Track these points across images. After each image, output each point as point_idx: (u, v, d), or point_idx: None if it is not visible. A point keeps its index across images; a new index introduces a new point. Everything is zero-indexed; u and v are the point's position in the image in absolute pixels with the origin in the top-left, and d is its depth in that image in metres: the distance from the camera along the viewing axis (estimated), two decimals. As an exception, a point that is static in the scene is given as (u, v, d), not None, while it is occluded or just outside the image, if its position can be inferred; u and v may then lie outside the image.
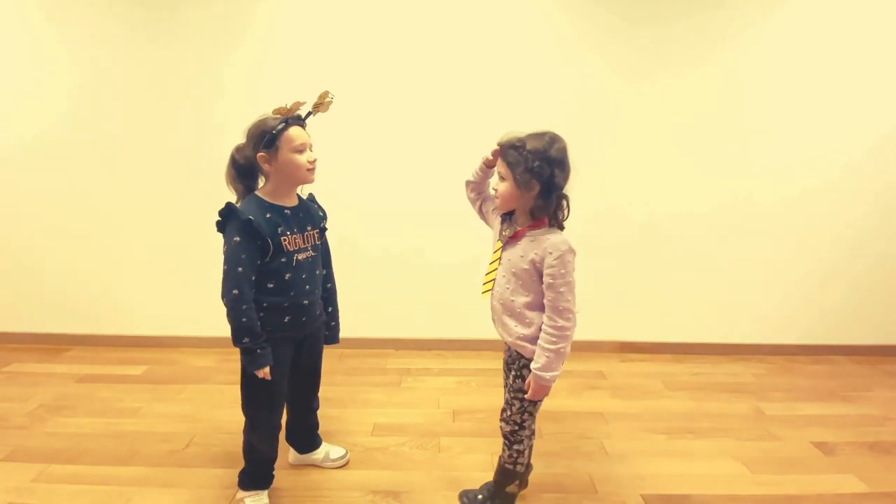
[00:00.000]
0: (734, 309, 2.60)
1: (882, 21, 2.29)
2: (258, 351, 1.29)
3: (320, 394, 1.63)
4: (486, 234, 1.44)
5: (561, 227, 1.27)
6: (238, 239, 1.26)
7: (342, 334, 1.59)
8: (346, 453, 1.71)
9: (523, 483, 1.51)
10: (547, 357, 1.22)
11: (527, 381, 1.29)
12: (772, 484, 1.63)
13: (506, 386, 1.42)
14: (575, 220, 2.61)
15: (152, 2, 2.24)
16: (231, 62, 2.30)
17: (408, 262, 2.50)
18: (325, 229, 1.50)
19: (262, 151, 1.29)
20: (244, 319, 1.27)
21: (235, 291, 1.26)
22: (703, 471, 1.69)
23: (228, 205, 1.29)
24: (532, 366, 1.25)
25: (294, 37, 2.28)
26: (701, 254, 2.52)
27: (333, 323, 1.59)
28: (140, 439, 1.81)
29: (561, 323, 1.21)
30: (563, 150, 1.19)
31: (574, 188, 1.18)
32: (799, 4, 2.29)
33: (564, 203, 1.24)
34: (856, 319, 2.61)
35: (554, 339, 1.22)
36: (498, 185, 1.24)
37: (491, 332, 1.34)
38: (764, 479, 1.65)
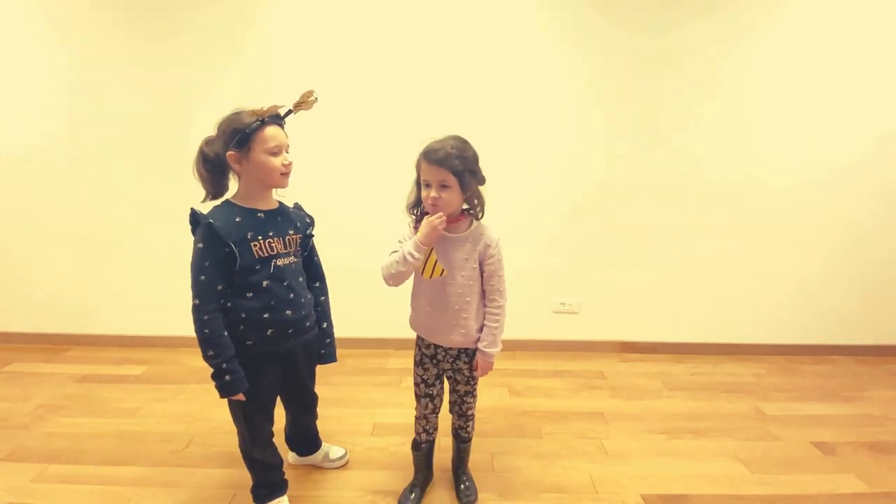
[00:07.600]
0: (734, 309, 2.60)
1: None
2: (226, 377, 1.20)
3: (321, 394, 1.62)
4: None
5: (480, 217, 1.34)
6: (201, 245, 1.19)
7: (342, 334, 1.58)
8: (346, 453, 1.71)
9: None
10: (493, 335, 1.35)
11: (474, 363, 1.38)
12: (772, 484, 1.63)
13: (437, 394, 1.46)
14: (576, 219, 2.58)
15: (150, 3, 2.25)
16: (230, 63, 2.30)
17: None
18: (312, 236, 1.42)
19: (232, 150, 1.19)
20: (206, 331, 1.18)
21: (196, 301, 1.18)
22: (703, 471, 1.69)
23: (192, 210, 1.22)
24: (480, 345, 1.35)
25: (292, 38, 2.28)
26: (700, 254, 2.52)
27: (329, 340, 1.48)
28: (140, 439, 1.81)
29: (502, 302, 1.35)
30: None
31: (574, 189, 1.18)
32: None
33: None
34: (856, 319, 2.61)
35: (498, 317, 1.34)
36: (439, 193, 1.22)
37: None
38: (764, 479, 1.65)
